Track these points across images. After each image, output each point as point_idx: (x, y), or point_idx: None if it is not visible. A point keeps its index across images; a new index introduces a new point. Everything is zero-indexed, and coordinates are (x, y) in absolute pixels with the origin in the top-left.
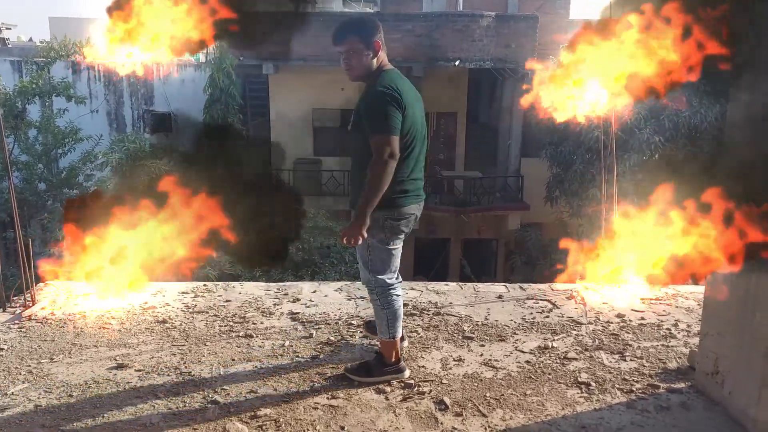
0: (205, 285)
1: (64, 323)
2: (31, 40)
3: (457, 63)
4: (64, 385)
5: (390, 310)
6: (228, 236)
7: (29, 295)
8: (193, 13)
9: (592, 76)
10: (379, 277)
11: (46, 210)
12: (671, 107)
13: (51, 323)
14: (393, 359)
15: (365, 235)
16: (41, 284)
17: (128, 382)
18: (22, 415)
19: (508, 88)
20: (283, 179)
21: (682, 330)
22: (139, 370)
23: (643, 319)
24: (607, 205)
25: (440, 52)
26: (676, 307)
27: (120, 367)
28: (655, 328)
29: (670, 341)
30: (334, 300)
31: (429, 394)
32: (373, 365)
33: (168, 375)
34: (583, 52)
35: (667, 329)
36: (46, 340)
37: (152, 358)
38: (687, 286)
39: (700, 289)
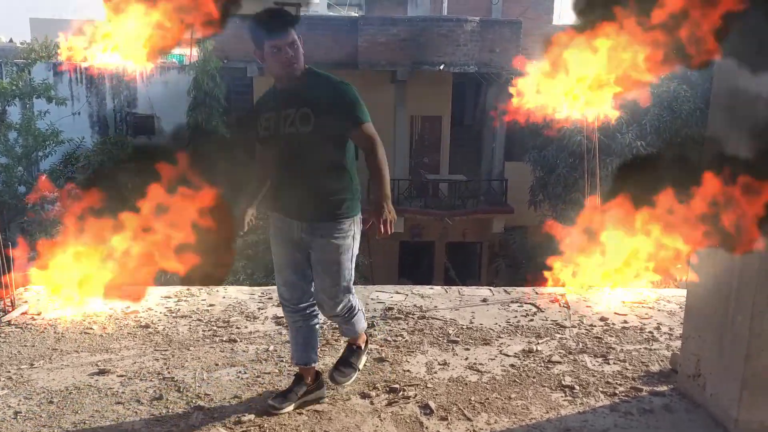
0: (188, 289)
1: (45, 328)
2: (11, 41)
3: (441, 67)
4: (44, 392)
5: (358, 310)
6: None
7: (9, 299)
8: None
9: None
10: (349, 284)
11: (26, 213)
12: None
13: (31, 328)
14: (364, 344)
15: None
16: (21, 288)
17: (110, 388)
18: (1, 422)
19: (492, 92)
20: None
21: (665, 333)
22: (122, 376)
23: (625, 322)
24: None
25: (425, 56)
26: (659, 310)
27: (102, 372)
28: (638, 331)
29: (652, 344)
30: None
31: (414, 398)
32: (353, 359)
33: (151, 380)
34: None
35: (650, 332)
36: (26, 346)
37: (134, 363)
38: (669, 289)
39: (682, 293)
